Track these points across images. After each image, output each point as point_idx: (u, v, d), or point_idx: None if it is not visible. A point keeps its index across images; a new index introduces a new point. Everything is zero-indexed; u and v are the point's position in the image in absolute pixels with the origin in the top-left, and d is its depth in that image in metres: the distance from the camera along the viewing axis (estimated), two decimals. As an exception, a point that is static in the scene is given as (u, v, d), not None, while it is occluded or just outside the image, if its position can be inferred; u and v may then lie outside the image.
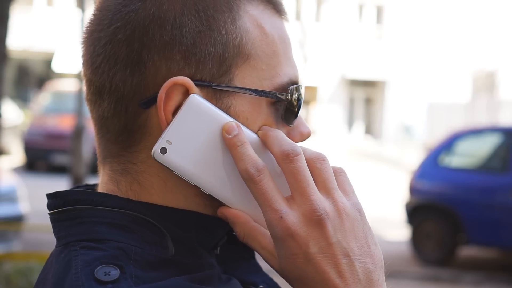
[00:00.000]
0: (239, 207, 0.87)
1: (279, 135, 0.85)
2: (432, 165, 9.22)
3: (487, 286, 8.24)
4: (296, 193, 0.82)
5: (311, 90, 28.63)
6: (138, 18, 0.85)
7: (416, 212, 9.17)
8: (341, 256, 0.80)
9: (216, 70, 0.86)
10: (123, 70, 0.85)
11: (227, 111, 0.86)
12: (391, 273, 8.06)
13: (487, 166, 9.06)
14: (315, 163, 0.84)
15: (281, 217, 0.80)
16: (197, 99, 0.85)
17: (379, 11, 30.45)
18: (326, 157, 0.85)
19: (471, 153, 9.51)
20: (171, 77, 0.84)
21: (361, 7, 30.35)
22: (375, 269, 0.81)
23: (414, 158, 17.32)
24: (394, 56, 29.75)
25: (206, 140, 0.85)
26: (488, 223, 8.51)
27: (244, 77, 0.87)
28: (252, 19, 0.89)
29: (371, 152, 24.81)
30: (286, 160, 0.82)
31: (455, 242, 8.89)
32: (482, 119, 22.57)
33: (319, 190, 0.82)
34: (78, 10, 9.29)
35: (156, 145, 0.84)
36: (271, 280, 1.03)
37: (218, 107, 0.86)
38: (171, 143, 0.84)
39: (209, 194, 0.87)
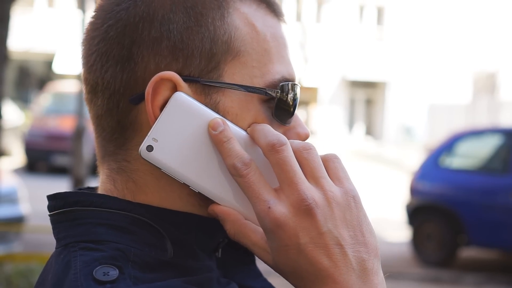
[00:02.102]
0: (229, 205, 0.86)
1: (265, 127, 0.85)
2: (432, 166, 9.21)
3: (488, 287, 8.24)
4: (284, 184, 0.81)
5: (312, 91, 28.62)
6: (129, 15, 0.86)
7: (417, 213, 9.17)
8: (333, 245, 0.78)
9: (205, 66, 0.86)
10: (114, 67, 0.86)
11: (215, 107, 0.86)
12: (392, 274, 8.05)
13: (488, 167, 9.06)
14: (302, 153, 0.83)
15: (269, 207, 0.79)
16: (182, 96, 0.85)
17: (380, 12, 30.45)
18: (313, 146, 0.84)
19: (472, 154, 9.50)
20: (159, 72, 0.85)
21: (361, 8, 30.35)
22: (369, 257, 0.79)
23: (415, 159, 17.31)
24: (394, 57, 29.75)
25: (192, 137, 0.85)
26: (489, 224, 8.50)
27: (233, 74, 0.87)
28: (242, 17, 0.89)
29: (371, 153, 24.80)
30: (272, 150, 0.82)
31: (456, 243, 8.88)
32: (482, 120, 22.58)
33: (307, 180, 0.81)
34: (79, 11, 9.29)
35: (142, 143, 0.84)
36: (270, 285, 1.02)
37: (206, 103, 0.86)
38: (157, 140, 0.84)
39: (201, 193, 0.86)
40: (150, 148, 0.84)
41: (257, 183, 0.81)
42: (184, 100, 0.84)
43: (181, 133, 0.85)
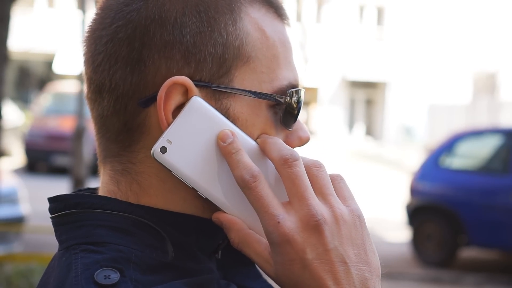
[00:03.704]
0: (235, 213, 0.86)
1: (278, 141, 0.85)
2: (432, 166, 9.22)
3: (488, 287, 8.24)
4: (294, 198, 0.81)
5: (312, 91, 28.63)
6: (140, 17, 0.85)
7: (417, 214, 9.17)
8: (337, 262, 0.79)
9: (216, 71, 0.86)
10: (123, 69, 0.85)
11: (226, 113, 0.86)
12: (392, 275, 8.06)
13: (488, 168, 9.06)
14: (312, 170, 0.83)
15: (278, 222, 0.80)
16: (199, 101, 0.85)
17: (380, 12, 30.45)
18: (322, 164, 0.85)
19: (472, 155, 9.50)
20: (170, 77, 0.84)
21: (361, 8, 30.36)
22: (371, 276, 0.81)
23: (415, 159, 17.31)
24: (394, 57, 29.75)
25: (205, 144, 0.85)
26: (489, 224, 8.50)
27: (243, 79, 0.87)
28: (253, 22, 0.89)
29: (371, 154, 24.80)
30: (285, 164, 0.82)
31: (456, 244, 8.88)
32: (482, 120, 22.58)
33: (316, 196, 0.82)
34: (79, 12, 9.28)
35: (156, 144, 0.84)
36: (270, 286, 1.02)
37: (217, 108, 0.86)
38: (171, 142, 0.84)
39: (206, 198, 0.86)
40: (163, 150, 0.84)
41: (266, 197, 0.81)
42: (201, 106, 0.85)
43: (195, 138, 0.85)
